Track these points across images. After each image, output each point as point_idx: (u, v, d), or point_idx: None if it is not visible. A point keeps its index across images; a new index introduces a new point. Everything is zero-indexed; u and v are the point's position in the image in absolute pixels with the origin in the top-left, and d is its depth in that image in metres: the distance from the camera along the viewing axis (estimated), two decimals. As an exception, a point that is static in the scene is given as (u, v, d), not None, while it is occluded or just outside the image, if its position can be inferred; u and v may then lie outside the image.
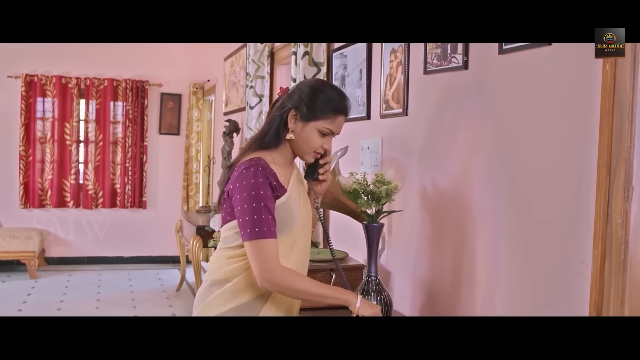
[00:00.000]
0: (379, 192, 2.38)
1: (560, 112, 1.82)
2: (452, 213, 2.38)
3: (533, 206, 1.94)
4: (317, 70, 3.63)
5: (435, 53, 2.45)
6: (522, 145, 1.99)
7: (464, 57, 2.27)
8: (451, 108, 2.41)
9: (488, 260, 2.16)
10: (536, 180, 1.92)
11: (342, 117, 1.89)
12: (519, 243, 2.00)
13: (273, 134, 1.90)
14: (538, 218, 1.91)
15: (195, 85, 8.02)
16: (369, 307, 1.87)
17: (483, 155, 2.20)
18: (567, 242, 1.79)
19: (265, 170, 1.81)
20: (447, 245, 2.41)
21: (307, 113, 1.85)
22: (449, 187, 2.41)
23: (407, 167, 2.71)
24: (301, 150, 1.90)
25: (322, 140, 1.88)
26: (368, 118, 3.11)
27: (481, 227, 2.20)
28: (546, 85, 1.88)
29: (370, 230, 2.46)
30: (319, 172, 1.96)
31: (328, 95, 1.87)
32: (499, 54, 2.07)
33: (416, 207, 2.63)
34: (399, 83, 2.76)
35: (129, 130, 7.88)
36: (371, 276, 2.47)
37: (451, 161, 2.40)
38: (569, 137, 1.78)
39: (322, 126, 1.86)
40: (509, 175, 2.05)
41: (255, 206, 1.75)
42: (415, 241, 2.66)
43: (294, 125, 1.88)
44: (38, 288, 6.63)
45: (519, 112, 2.00)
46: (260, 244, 1.75)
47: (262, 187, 1.77)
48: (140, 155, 7.97)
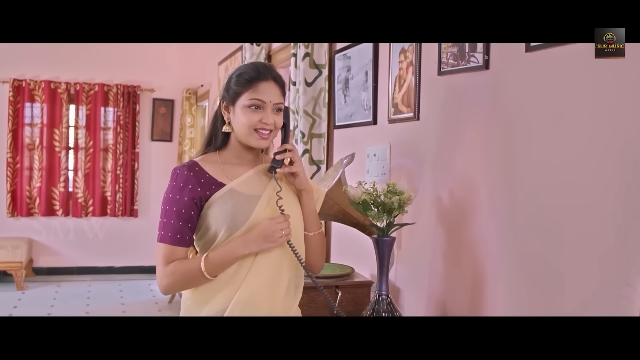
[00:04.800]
0: (390, 204, 2.19)
1: (601, 116, 1.63)
2: (471, 226, 2.18)
3: (566, 221, 1.74)
4: (318, 72, 3.43)
5: (451, 52, 2.26)
6: (553, 152, 1.80)
7: (485, 56, 2.08)
8: (469, 111, 2.22)
9: (512, 279, 1.96)
10: (571, 191, 1.72)
11: (263, 83, 1.75)
12: (549, 261, 1.80)
13: (215, 133, 1.85)
14: (573, 234, 1.72)
15: (188, 90, 7.85)
16: (259, 239, 1.71)
17: (506, 163, 2.00)
18: (609, 261, 1.59)
19: (190, 172, 1.74)
20: (465, 261, 2.21)
21: (229, 95, 1.78)
22: (466, 197, 2.22)
23: (419, 175, 2.52)
24: (242, 134, 1.76)
25: (257, 114, 1.73)
26: (374, 123, 2.92)
27: (504, 242, 2.01)
28: (584, 86, 1.69)
29: (381, 245, 2.27)
30: (276, 157, 1.77)
31: (241, 71, 1.79)
32: (527, 52, 1.88)
33: (429, 218, 2.44)
34: (410, 85, 2.56)
35: (120, 136, 7.72)
36: (382, 294, 2.28)
37: (469, 169, 2.21)
38: (613, 143, 1.59)
39: (246, 100, 1.74)
40: (537, 186, 1.86)
41: (162, 209, 1.74)
42: (428, 256, 2.46)
43: (228, 116, 1.79)
44: (25, 300, 6.42)
45: (549, 115, 1.81)
46: (157, 247, 1.73)
47: (174, 191, 1.73)
48: (132, 162, 7.82)
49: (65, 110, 7.55)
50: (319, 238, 1.87)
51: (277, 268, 1.77)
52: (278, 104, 1.77)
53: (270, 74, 1.78)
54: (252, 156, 1.84)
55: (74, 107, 7.63)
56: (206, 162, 1.78)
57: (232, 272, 1.72)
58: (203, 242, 1.77)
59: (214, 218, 1.72)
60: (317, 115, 3.45)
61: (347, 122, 3.25)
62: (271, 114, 1.75)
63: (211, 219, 1.73)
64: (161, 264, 1.72)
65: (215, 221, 1.72)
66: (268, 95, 1.75)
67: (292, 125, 3.46)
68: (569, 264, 1.73)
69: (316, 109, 3.44)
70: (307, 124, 3.44)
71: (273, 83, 1.77)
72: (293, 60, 3.64)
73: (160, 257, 1.72)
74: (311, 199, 1.85)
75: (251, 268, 1.73)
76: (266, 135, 1.75)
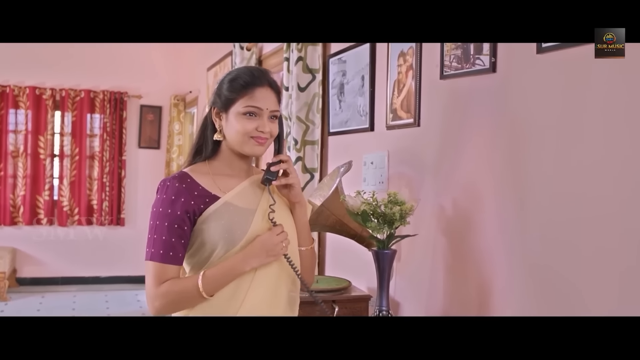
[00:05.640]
0: (391, 214, 2.07)
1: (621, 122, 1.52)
2: (476, 237, 2.07)
3: (583, 233, 1.63)
4: (312, 77, 3.31)
5: (455, 55, 2.14)
6: (567, 160, 1.68)
7: (492, 59, 1.97)
8: (473, 117, 2.10)
9: (523, 293, 1.85)
10: (588, 201, 1.61)
11: (259, 88, 1.65)
12: (564, 276, 1.69)
13: (204, 141, 1.74)
14: (591, 247, 1.60)
15: (176, 96, 7.71)
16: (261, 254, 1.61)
17: (514, 171, 1.89)
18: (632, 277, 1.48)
19: (182, 184, 1.62)
20: (470, 275, 2.10)
21: (222, 102, 1.66)
22: (471, 207, 2.10)
23: (419, 184, 2.40)
24: (236, 143, 1.65)
25: (252, 122, 1.63)
26: (371, 129, 2.80)
27: (513, 255, 1.89)
28: (600, 89, 1.58)
29: (381, 258, 2.16)
30: (271, 169, 1.66)
31: (234, 75, 1.68)
32: (538, 54, 1.77)
33: (430, 229, 2.32)
34: (410, 90, 2.45)
35: (107, 143, 7.58)
36: (382, 310, 2.17)
37: (473, 178, 2.09)
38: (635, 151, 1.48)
39: (241, 107, 1.63)
40: (550, 196, 1.75)
41: (151, 224, 1.61)
42: (428, 268, 2.34)
43: (219, 123, 1.68)
44: (8, 311, 6.24)
45: (563, 120, 1.70)
46: (146, 266, 1.60)
47: (165, 204, 1.60)
48: (119, 170, 7.68)
49: (50, 117, 7.40)
50: (311, 253, 1.78)
51: (276, 283, 1.68)
52: (274, 112, 1.67)
53: (266, 79, 1.68)
54: (246, 166, 1.73)
55: (59, 113, 7.49)
56: (197, 173, 1.67)
57: (232, 290, 1.61)
58: (196, 259, 1.65)
59: (210, 233, 1.61)
60: (310, 121, 3.32)
61: (342, 129, 3.13)
62: (267, 122, 1.65)
63: (206, 235, 1.61)
64: (152, 284, 1.59)
65: (211, 237, 1.61)
66: (264, 102, 1.65)
67: (285, 132, 3.34)
68: (587, 279, 1.62)
69: (310, 115, 3.32)
70: (300, 131, 3.32)
71: (269, 89, 1.67)
72: (285, 64, 3.52)
73: (150, 277, 1.59)
74: (304, 212, 1.76)
75: (251, 284, 1.63)
76: (262, 141, 1.65)
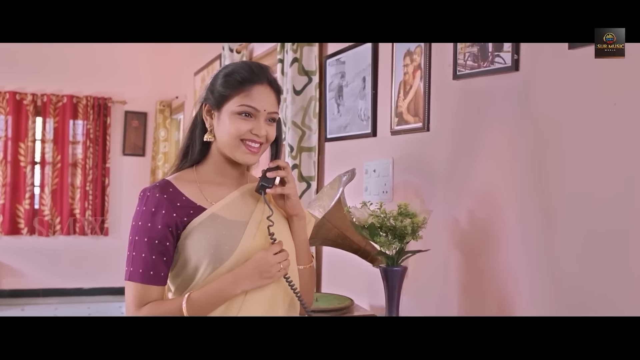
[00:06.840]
0: (402, 228, 1.88)
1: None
2: (495, 253, 1.88)
3: (627, 249, 1.44)
4: (308, 80, 3.12)
5: (470, 52, 1.96)
6: (605, 166, 1.50)
7: (514, 56, 1.78)
8: (491, 120, 1.92)
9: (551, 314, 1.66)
10: (633, 212, 1.43)
11: (257, 86, 1.47)
12: (603, 298, 1.50)
13: (192, 142, 1.57)
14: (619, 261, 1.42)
15: (162, 102, 7.53)
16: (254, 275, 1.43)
17: (541, 180, 1.71)
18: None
19: (163, 194, 1.45)
20: (489, 294, 1.91)
21: (215, 98, 1.50)
22: (489, 219, 1.91)
23: (429, 194, 2.21)
24: (227, 146, 1.48)
25: (247, 123, 1.46)
26: (374, 135, 2.60)
27: (539, 274, 1.70)
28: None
29: (391, 276, 1.97)
30: (267, 175, 1.49)
31: (230, 70, 1.52)
32: (570, 49, 1.59)
33: (442, 243, 2.13)
34: (418, 91, 2.26)
35: (90, 151, 7.38)
36: (391, 333, 1.95)
37: (492, 187, 1.91)
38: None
39: (235, 105, 1.46)
40: (583, 207, 1.56)
41: (130, 240, 1.45)
42: (439, 287, 2.15)
43: (210, 122, 1.52)
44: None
45: (600, 123, 1.52)
46: (126, 286, 1.44)
47: (144, 217, 1.44)
48: (102, 178, 7.48)
49: (31, 123, 7.19)
50: (310, 272, 1.60)
51: (271, 306, 1.49)
52: (272, 113, 1.49)
53: (266, 76, 1.50)
54: (237, 173, 1.55)
55: (40, 119, 7.28)
56: (181, 182, 1.50)
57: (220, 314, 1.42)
58: (180, 279, 1.47)
59: (194, 249, 1.43)
60: (306, 126, 3.13)
61: (340, 134, 2.93)
62: (264, 124, 1.47)
63: (190, 250, 1.43)
64: (132, 306, 1.43)
65: (195, 252, 1.43)
66: (262, 102, 1.47)
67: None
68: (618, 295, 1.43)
69: (306, 119, 3.13)
70: (296, 137, 3.12)
71: (268, 88, 1.50)
72: (280, 66, 3.32)
73: (130, 299, 1.42)
74: (303, 227, 1.57)
75: (241, 309, 1.44)
76: (255, 149, 1.47)
